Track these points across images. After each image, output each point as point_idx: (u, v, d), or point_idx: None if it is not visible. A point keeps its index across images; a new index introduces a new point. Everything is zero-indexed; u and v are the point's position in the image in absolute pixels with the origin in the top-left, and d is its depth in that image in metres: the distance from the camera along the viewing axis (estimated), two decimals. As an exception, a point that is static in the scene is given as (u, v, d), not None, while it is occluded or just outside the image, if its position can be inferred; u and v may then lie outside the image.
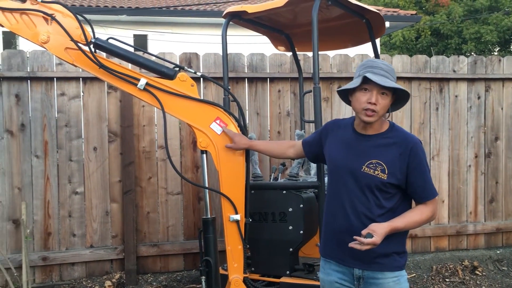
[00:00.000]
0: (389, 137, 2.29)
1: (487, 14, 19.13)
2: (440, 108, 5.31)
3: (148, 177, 4.62)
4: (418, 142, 2.29)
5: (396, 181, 2.23)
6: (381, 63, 2.28)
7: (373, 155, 2.26)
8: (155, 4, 13.33)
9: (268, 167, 4.81)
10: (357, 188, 2.28)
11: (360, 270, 2.30)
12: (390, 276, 2.28)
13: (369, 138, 2.31)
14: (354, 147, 2.33)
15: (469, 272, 5.02)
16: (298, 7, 3.67)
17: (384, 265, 2.28)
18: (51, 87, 4.41)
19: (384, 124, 2.33)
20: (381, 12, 13.57)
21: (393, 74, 2.28)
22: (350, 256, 2.28)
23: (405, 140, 2.27)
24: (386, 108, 2.27)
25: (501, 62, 5.49)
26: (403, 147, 2.24)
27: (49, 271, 4.40)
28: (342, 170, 2.34)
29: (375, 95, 2.22)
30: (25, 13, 2.90)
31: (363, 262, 2.28)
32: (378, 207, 2.25)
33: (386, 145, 2.27)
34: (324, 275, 2.44)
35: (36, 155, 4.36)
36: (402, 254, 2.34)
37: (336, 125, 2.51)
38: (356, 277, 2.31)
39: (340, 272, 2.36)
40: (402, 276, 2.32)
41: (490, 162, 5.46)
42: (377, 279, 2.28)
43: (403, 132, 2.33)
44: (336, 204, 2.36)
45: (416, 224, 2.30)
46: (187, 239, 4.72)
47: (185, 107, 3.06)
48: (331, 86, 5.06)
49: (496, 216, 5.49)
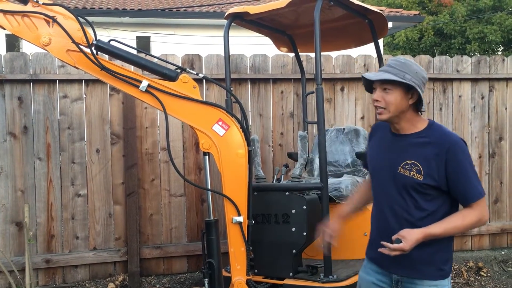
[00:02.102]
0: (425, 136, 2.19)
1: (491, 13, 19.07)
2: (443, 108, 5.28)
3: (151, 179, 4.61)
4: (457, 142, 2.15)
5: (433, 182, 2.13)
6: (393, 59, 2.23)
7: (409, 156, 2.18)
8: (158, 5, 13.35)
9: (271, 169, 4.80)
10: (395, 190, 2.21)
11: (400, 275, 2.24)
12: (428, 284, 2.19)
13: (404, 138, 2.23)
14: (390, 148, 2.27)
15: (474, 273, 4.99)
16: (300, 8, 3.66)
17: (426, 273, 2.20)
18: (53, 89, 4.41)
19: (419, 122, 2.23)
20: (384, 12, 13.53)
21: (402, 68, 2.17)
22: (390, 260, 2.18)
23: (442, 140, 2.15)
24: (398, 103, 2.17)
25: (504, 62, 5.46)
26: (439, 147, 2.14)
27: (52, 273, 4.40)
28: (380, 173, 2.31)
29: (377, 92, 2.21)
30: (26, 16, 2.90)
31: (404, 267, 2.21)
32: (417, 209, 2.17)
33: (422, 145, 2.17)
34: (364, 274, 2.41)
35: (39, 158, 4.36)
36: (446, 261, 2.23)
37: (378, 127, 2.44)
38: (394, 280, 2.26)
39: (380, 273, 2.32)
40: (443, 286, 2.21)
41: (494, 162, 5.43)
42: (415, 285, 2.21)
43: (442, 131, 2.20)
44: (377, 207, 2.33)
45: (458, 230, 2.16)
46: (191, 241, 4.71)
47: (187, 109, 3.05)
48: (334, 87, 5.04)
49: (501, 217, 5.46)
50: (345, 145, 4.28)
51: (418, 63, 5.22)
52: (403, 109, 2.19)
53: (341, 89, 5.07)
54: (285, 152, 4.81)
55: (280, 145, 4.91)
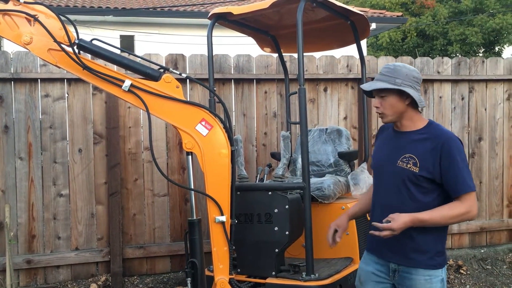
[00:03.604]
0: (424, 133, 2.39)
1: (472, 15, 19.35)
2: (424, 109, 5.36)
3: (134, 179, 4.60)
4: (451, 138, 2.34)
5: (428, 175, 2.31)
6: (385, 67, 2.43)
7: (407, 150, 2.38)
8: (142, 4, 13.27)
9: (254, 168, 4.81)
10: (393, 182, 2.39)
11: (396, 264, 2.41)
12: (423, 274, 2.35)
13: (405, 134, 2.44)
14: (392, 144, 2.48)
15: (454, 271, 5.07)
16: (283, 9, 3.68)
17: (419, 261, 2.36)
18: (35, 88, 4.37)
19: (419, 121, 2.44)
20: (367, 13, 13.70)
21: (393, 74, 2.37)
22: (388, 249, 2.42)
23: (438, 136, 2.34)
24: (394, 107, 2.39)
25: (484, 64, 5.56)
26: (435, 142, 2.32)
27: (33, 274, 4.36)
28: (381, 167, 2.51)
29: (376, 99, 2.45)
30: (7, 14, 2.86)
31: (399, 255, 2.39)
32: (411, 200, 2.34)
33: (420, 140, 2.37)
34: (363, 265, 2.60)
35: (20, 157, 4.31)
36: (439, 253, 2.38)
37: (383, 128, 2.67)
38: (392, 269, 2.44)
39: (378, 263, 2.50)
40: (436, 276, 2.36)
41: (474, 162, 5.53)
42: (411, 274, 2.37)
43: (439, 129, 2.41)
44: (376, 201, 2.53)
45: (444, 219, 2.29)
46: (174, 240, 4.71)
47: (170, 109, 3.05)
48: (317, 87, 5.08)
49: (480, 216, 5.55)
50: (328, 145, 4.32)
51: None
52: (402, 110, 2.40)
53: (324, 90, 5.11)
54: (269, 152, 4.84)
55: (264, 145, 4.94)
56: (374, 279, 2.51)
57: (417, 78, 2.39)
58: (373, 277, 2.51)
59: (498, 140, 5.61)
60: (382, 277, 2.48)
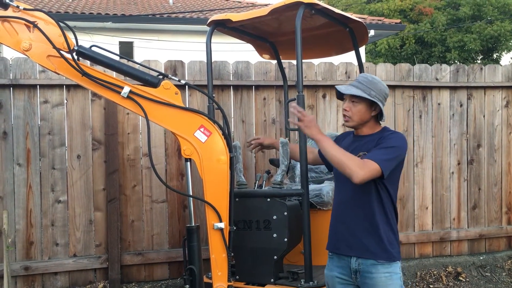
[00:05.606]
0: (377, 135, 2.65)
1: (470, 23, 19.44)
2: (423, 115, 5.37)
3: (132, 185, 4.59)
4: (393, 133, 2.61)
5: None
6: (363, 76, 2.68)
7: (362, 149, 2.62)
8: (141, 11, 13.31)
9: (253, 175, 4.81)
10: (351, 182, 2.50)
11: (356, 262, 2.56)
12: (382, 271, 2.51)
13: (363, 138, 2.69)
14: (351, 147, 2.67)
15: (453, 278, 5.06)
16: (282, 16, 3.69)
17: (376, 254, 2.52)
18: (34, 94, 4.37)
19: (376, 127, 2.69)
20: (366, 20, 13.76)
21: (369, 85, 2.61)
22: (345, 244, 2.60)
23: (383, 132, 2.64)
24: (362, 114, 2.63)
25: (482, 71, 5.58)
26: (379, 136, 2.61)
27: (31, 281, 4.34)
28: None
29: (347, 103, 2.67)
30: (6, 21, 2.87)
31: (356, 249, 2.56)
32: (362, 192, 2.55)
33: (371, 141, 2.62)
34: (327, 271, 2.74)
35: (18, 163, 4.31)
36: (393, 244, 2.56)
37: (342, 136, 2.92)
38: (353, 270, 2.58)
39: (340, 267, 2.64)
40: (395, 273, 2.54)
41: (473, 169, 5.53)
42: (371, 273, 2.52)
43: (388, 130, 2.68)
44: (335, 203, 2.74)
45: (337, 155, 2.46)
46: (172, 247, 4.69)
47: (169, 115, 3.05)
48: (316, 94, 5.09)
49: (479, 223, 5.55)
50: (327, 151, 4.31)
51: (398, 71, 5.36)
52: (366, 120, 2.65)
53: (323, 96, 5.12)
54: (267, 159, 4.83)
55: (263, 151, 4.93)
56: (339, 282, 2.65)
57: (387, 95, 2.67)
58: (338, 280, 2.65)
59: (497, 147, 5.62)
60: (346, 279, 2.63)
